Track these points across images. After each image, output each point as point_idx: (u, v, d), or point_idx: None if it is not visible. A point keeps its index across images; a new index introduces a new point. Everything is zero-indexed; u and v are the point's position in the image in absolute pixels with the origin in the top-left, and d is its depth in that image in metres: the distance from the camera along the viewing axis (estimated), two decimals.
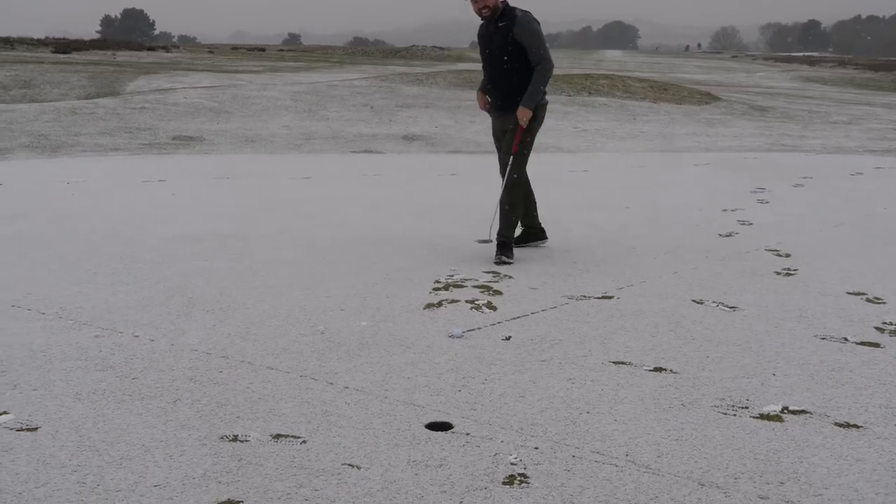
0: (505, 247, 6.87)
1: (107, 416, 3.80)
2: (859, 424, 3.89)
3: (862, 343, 5.03)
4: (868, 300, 5.96)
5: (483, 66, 7.03)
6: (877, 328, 5.32)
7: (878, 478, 3.38)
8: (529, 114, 6.71)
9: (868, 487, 3.30)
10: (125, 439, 3.58)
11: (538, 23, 6.76)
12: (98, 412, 3.85)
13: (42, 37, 53.92)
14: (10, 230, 7.69)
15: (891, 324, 5.41)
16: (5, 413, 3.83)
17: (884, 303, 5.89)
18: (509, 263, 6.74)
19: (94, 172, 11.98)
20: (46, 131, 16.11)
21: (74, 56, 38.47)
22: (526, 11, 6.74)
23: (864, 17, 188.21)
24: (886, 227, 8.76)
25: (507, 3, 6.77)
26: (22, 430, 3.67)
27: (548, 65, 6.70)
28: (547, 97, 6.93)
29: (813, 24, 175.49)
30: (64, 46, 44.51)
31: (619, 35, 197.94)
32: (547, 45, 6.81)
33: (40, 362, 4.45)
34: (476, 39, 7.06)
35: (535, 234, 7.34)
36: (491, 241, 7.03)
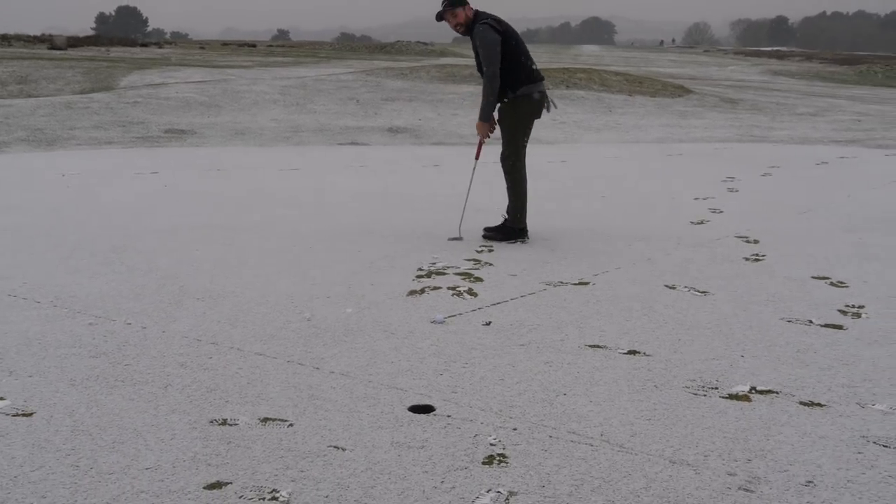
0: (500, 228, 7.14)
1: (100, 402, 3.78)
2: (823, 403, 3.91)
3: (826, 325, 5.06)
4: (832, 284, 5.98)
5: None
6: (840, 311, 5.35)
7: (840, 454, 3.40)
8: (482, 126, 6.93)
9: (830, 463, 3.32)
10: (118, 424, 3.56)
11: (496, 32, 6.72)
12: (91, 398, 3.83)
13: (38, 33, 53.49)
14: (6, 221, 7.63)
15: (853, 306, 5.44)
16: (1, 399, 3.80)
17: (847, 286, 5.92)
18: (490, 238, 7.10)
19: (89, 165, 11.91)
20: (42, 125, 16.01)
21: (70, 52, 38.19)
22: (485, 22, 6.75)
23: (829, 13, 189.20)
24: (849, 214, 8.80)
25: (476, 14, 6.84)
26: (18, 415, 3.64)
27: (486, 80, 6.72)
28: (526, 87, 6.84)
29: (781, 20, 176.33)
30: (59, 43, 44.17)
31: (597, 30, 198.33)
32: (496, 55, 6.70)
33: (35, 350, 4.42)
34: None
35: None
36: (461, 238, 7.15)
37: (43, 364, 4.23)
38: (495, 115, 6.98)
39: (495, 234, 7.12)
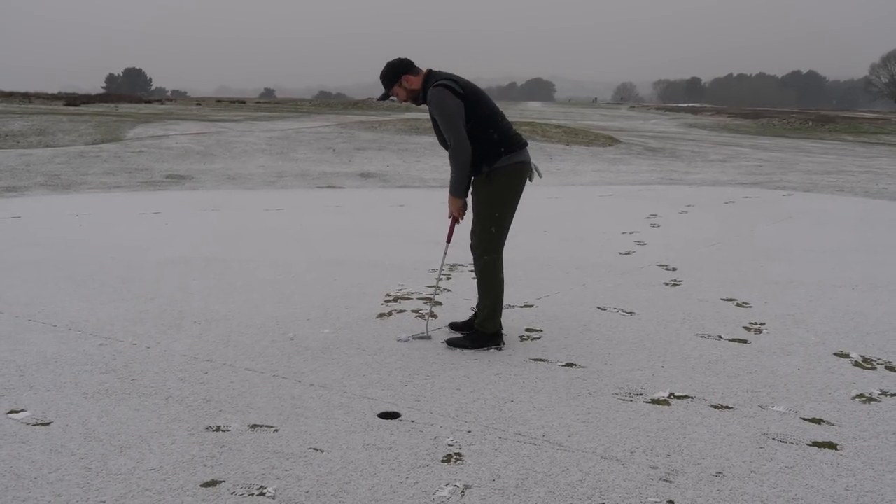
0: (470, 336, 4.92)
1: (110, 412, 3.75)
2: (730, 406, 3.97)
3: (733, 340, 5.14)
4: (738, 305, 6.08)
5: None
6: (744, 327, 5.44)
7: (745, 448, 3.46)
8: (456, 202, 4.80)
9: (737, 456, 3.38)
10: (125, 431, 3.53)
11: (451, 95, 4.59)
12: (102, 408, 3.79)
13: (56, 92, 52.95)
14: (27, 256, 7.54)
15: (755, 324, 5.53)
16: (23, 410, 3.76)
17: (750, 307, 6.02)
18: (464, 347, 4.85)
19: (100, 206, 11.79)
20: (59, 172, 15.82)
21: (83, 108, 37.84)
22: (438, 85, 4.61)
23: (735, 74, 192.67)
24: (752, 245, 8.95)
25: (429, 75, 4.78)
26: (37, 424, 3.60)
27: (452, 154, 4.64)
28: (506, 157, 4.79)
29: (695, 80, 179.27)
30: (74, 100, 43.76)
31: (539, 89, 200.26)
32: (458, 120, 4.59)
33: (53, 367, 4.37)
34: None
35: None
36: (429, 337, 5.08)
37: (59, 380, 4.18)
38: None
39: (463, 342, 4.89)
